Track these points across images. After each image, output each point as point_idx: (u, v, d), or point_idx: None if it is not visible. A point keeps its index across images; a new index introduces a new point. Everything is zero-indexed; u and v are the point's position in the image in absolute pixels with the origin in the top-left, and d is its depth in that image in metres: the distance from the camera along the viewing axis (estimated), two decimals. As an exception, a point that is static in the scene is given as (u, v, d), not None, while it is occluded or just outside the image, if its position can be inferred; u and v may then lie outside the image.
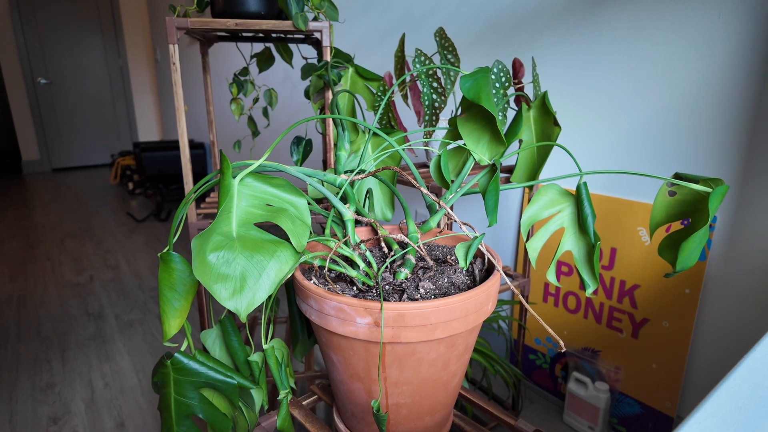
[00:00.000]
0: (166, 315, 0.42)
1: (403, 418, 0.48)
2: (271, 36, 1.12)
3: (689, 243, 0.43)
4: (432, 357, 0.44)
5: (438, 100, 0.91)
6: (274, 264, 0.38)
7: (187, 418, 0.44)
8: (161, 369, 0.43)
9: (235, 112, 1.19)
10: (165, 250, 0.42)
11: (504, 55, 1.33)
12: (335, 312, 0.42)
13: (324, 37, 0.95)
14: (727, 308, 1.01)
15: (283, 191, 0.43)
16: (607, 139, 1.15)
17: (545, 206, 0.51)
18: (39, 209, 3.58)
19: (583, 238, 0.50)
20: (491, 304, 0.46)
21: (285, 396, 0.50)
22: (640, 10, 1.03)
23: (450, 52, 0.96)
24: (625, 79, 1.09)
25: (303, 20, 0.90)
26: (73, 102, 4.86)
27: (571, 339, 1.28)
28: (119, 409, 1.43)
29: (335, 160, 0.62)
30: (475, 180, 0.53)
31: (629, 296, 1.14)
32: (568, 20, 1.16)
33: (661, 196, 0.48)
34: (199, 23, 0.89)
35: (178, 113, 0.87)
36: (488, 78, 0.51)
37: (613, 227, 1.15)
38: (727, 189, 0.42)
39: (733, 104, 0.94)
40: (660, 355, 1.11)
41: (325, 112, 1.00)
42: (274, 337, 0.51)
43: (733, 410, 0.37)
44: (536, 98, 0.68)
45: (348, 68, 0.99)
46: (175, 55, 0.89)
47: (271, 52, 1.24)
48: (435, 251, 0.56)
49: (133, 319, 1.98)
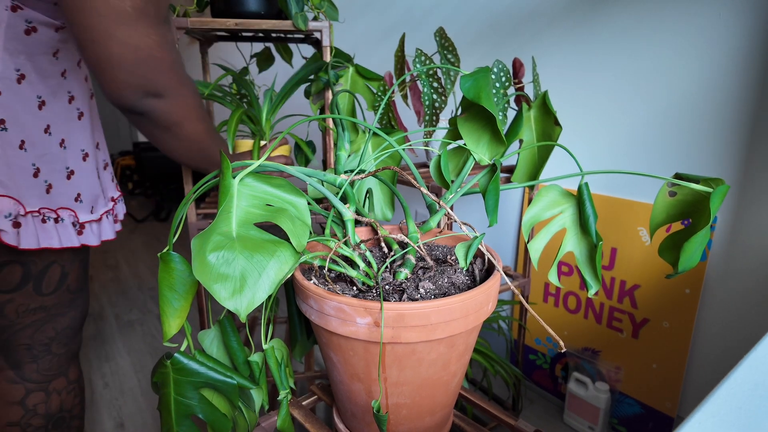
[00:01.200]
0: (166, 315, 0.42)
1: (403, 418, 0.48)
2: (271, 36, 1.12)
3: (690, 244, 0.42)
4: (432, 357, 0.44)
5: (438, 100, 0.91)
6: (274, 264, 0.38)
7: (187, 418, 0.44)
8: (161, 369, 0.43)
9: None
10: (165, 250, 0.42)
11: (504, 54, 1.33)
12: (335, 312, 0.42)
13: (324, 37, 0.95)
14: (728, 308, 1.01)
15: (283, 191, 0.43)
16: (607, 139, 1.15)
17: (546, 207, 0.51)
18: (39, 209, 3.57)
19: (584, 238, 0.50)
20: (491, 304, 0.46)
21: (285, 396, 0.50)
22: (640, 10, 1.03)
23: (450, 52, 0.95)
24: (626, 78, 1.08)
25: (303, 20, 0.90)
26: (73, 102, 4.86)
27: (572, 339, 1.28)
28: (119, 410, 1.42)
29: (335, 160, 0.62)
30: (475, 180, 0.53)
31: (629, 296, 1.14)
32: (568, 20, 1.16)
33: (662, 196, 0.48)
34: (199, 23, 0.88)
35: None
36: (488, 78, 0.51)
37: (613, 227, 1.15)
38: (727, 189, 0.42)
39: (733, 104, 0.93)
40: (660, 355, 1.11)
41: (325, 112, 1.00)
42: (273, 337, 0.51)
43: (733, 410, 0.37)
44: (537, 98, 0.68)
45: (348, 68, 0.98)
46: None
47: (270, 52, 1.24)
48: (435, 251, 0.56)
49: (133, 319, 1.98)
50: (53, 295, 0.81)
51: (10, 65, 0.67)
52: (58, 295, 0.81)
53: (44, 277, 0.79)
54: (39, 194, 0.73)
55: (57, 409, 0.86)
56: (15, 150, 0.70)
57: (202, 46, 1.16)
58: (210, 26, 0.89)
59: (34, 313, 0.79)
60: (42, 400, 0.84)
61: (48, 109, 0.73)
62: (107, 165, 0.90)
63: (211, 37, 1.12)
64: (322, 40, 0.95)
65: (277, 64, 1.55)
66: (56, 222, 0.76)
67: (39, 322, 0.80)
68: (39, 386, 0.84)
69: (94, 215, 0.82)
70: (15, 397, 0.82)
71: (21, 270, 0.76)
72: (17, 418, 0.82)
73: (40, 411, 0.84)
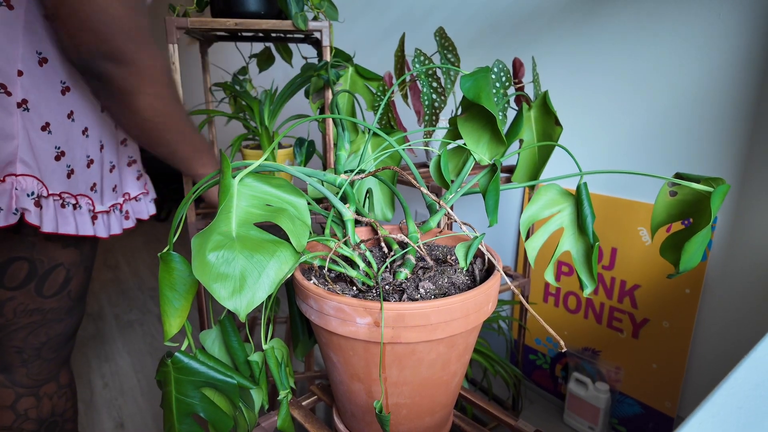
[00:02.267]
0: (166, 315, 0.42)
1: (403, 418, 0.48)
2: (271, 36, 1.12)
3: (692, 243, 0.42)
4: (432, 357, 0.44)
5: (438, 100, 0.91)
6: (274, 264, 0.38)
7: (188, 416, 0.44)
8: (163, 368, 0.43)
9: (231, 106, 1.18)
10: (165, 249, 0.42)
11: (504, 54, 1.33)
12: (335, 312, 0.42)
13: (324, 37, 0.95)
14: (728, 308, 1.01)
15: (283, 191, 0.43)
16: (607, 139, 1.15)
17: (545, 206, 0.51)
18: (39, 209, 3.57)
19: (581, 238, 0.50)
20: (491, 304, 0.46)
21: (285, 396, 0.50)
22: (640, 10, 1.03)
23: (450, 52, 0.95)
24: (626, 78, 1.09)
25: (303, 20, 0.90)
26: (73, 102, 4.86)
27: (572, 339, 1.28)
28: (119, 410, 1.42)
29: (335, 159, 0.62)
30: (475, 180, 0.53)
31: (629, 296, 1.14)
32: (568, 20, 1.16)
33: (662, 196, 0.48)
34: (199, 23, 0.88)
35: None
36: (488, 78, 0.51)
37: (613, 227, 1.15)
38: (728, 188, 0.42)
39: (734, 103, 0.93)
40: (660, 355, 1.11)
41: (324, 111, 1.00)
42: (274, 336, 0.51)
43: (733, 410, 0.37)
44: (537, 98, 0.68)
45: (348, 68, 0.98)
46: (174, 55, 0.88)
47: (271, 52, 1.24)
48: (435, 251, 0.56)
49: (133, 320, 1.98)
50: (53, 299, 0.80)
51: (30, 47, 0.67)
52: (58, 299, 0.81)
53: (48, 278, 0.78)
54: (60, 178, 0.74)
55: (49, 413, 0.86)
56: (38, 132, 0.70)
57: (202, 46, 1.16)
58: (210, 26, 0.89)
59: (31, 314, 0.79)
60: (33, 404, 0.84)
61: (72, 96, 0.73)
62: (133, 162, 0.91)
63: (210, 37, 1.12)
64: (322, 40, 0.95)
65: (278, 64, 1.55)
66: (74, 209, 0.76)
67: (34, 324, 0.80)
68: (29, 391, 0.83)
69: (104, 206, 0.83)
70: (6, 401, 0.82)
71: (27, 267, 0.76)
72: (9, 422, 0.82)
73: (31, 416, 0.83)
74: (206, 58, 1.18)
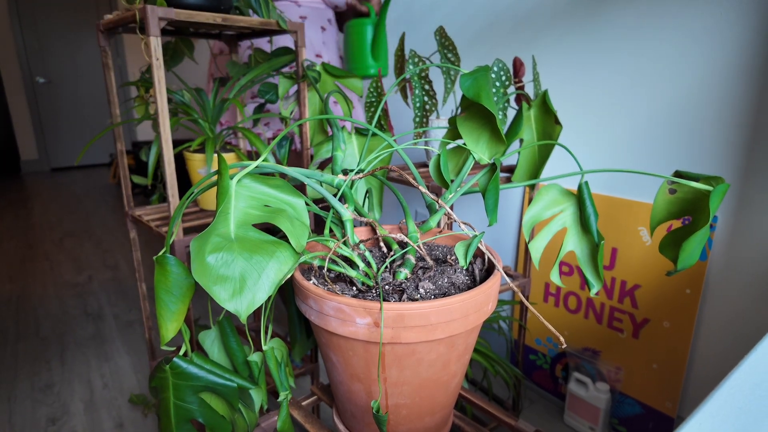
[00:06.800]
0: (163, 318, 0.42)
1: (403, 418, 0.48)
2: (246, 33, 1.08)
3: (690, 242, 0.42)
4: (432, 357, 0.44)
5: (429, 102, 0.92)
6: (274, 264, 0.38)
7: (186, 422, 0.44)
8: (159, 374, 0.43)
9: (139, 111, 1.04)
10: (161, 252, 0.42)
11: (504, 53, 1.33)
12: (335, 312, 0.42)
13: (300, 36, 0.93)
14: (728, 308, 1.00)
15: (281, 192, 0.43)
16: (607, 138, 1.15)
17: (547, 206, 0.51)
18: (38, 209, 3.58)
19: (586, 237, 0.50)
20: (491, 304, 0.46)
21: (285, 397, 0.50)
22: (641, 8, 1.03)
23: (450, 51, 0.95)
24: (626, 77, 1.08)
25: (281, 19, 0.91)
26: (72, 101, 4.86)
27: (572, 339, 1.28)
28: (118, 410, 1.42)
29: (332, 160, 0.62)
30: (474, 179, 0.53)
31: (630, 296, 1.14)
32: (568, 19, 1.16)
33: (662, 194, 0.48)
34: (185, 15, 0.80)
35: (162, 114, 0.78)
36: (488, 77, 0.51)
37: (613, 227, 1.15)
38: (727, 187, 0.42)
39: (734, 103, 0.93)
40: (660, 355, 1.10)
41: (301, 112, 0.99)
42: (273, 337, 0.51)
43: (733, 410, 0.36)
44: (537, 97, 0.68)
45: (315, 66, 0.98)
46: (158, 50, 0.75)
47: (180, 46, 1.11)
48: (435, 251, 0.56)
49: (132, 320, 1.97)
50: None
51: (325, 17, 1.32)
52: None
53: None
54: None
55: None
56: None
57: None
58: (195, 19, 0.81)
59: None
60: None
61: (330, 45, 1.36)
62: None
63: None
64: (298, 40, 0.93)
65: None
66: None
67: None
68: None
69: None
70: None
71: None
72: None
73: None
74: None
